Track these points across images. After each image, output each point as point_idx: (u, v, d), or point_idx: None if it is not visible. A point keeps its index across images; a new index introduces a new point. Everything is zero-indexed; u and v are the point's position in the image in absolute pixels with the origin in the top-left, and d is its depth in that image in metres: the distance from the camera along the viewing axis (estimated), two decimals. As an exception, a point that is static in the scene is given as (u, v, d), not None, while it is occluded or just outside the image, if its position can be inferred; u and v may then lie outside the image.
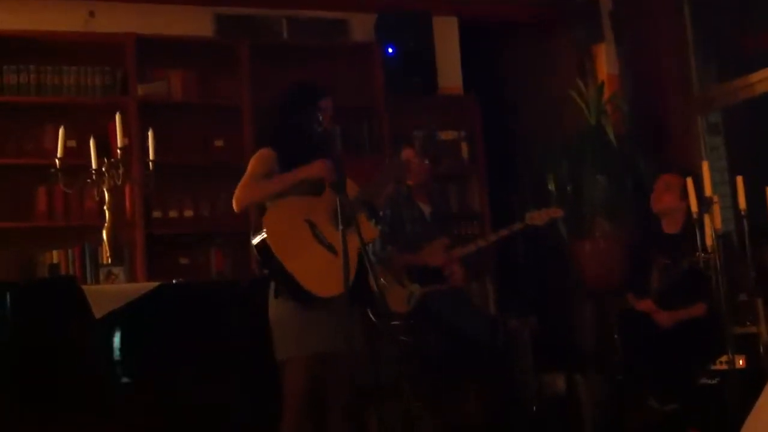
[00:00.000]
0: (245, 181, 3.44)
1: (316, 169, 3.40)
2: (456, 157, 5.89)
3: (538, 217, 4.51)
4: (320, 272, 3.31)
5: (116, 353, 3.62)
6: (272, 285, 3.43)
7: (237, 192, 3.42)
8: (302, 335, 3.34)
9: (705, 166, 3.76)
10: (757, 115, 5.69)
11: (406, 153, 3.50)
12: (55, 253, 4.99)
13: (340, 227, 3.11)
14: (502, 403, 4.48)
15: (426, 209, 4.65)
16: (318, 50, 5.74)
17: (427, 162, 4.48)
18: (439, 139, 5.75)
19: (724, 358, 3.95)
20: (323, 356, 3.38)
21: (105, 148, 4.58)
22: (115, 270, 4.05)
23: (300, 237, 3.36)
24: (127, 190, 5.03)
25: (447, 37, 6.07)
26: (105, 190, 4.15)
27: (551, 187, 5.50)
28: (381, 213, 4.61)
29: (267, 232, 3.31)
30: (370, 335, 4.58)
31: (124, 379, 3.62)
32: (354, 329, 3.30)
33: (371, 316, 4.15)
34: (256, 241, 3.35)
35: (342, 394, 3.48)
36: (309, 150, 3.46)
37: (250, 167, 3.47)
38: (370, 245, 4.60)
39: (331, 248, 3.35)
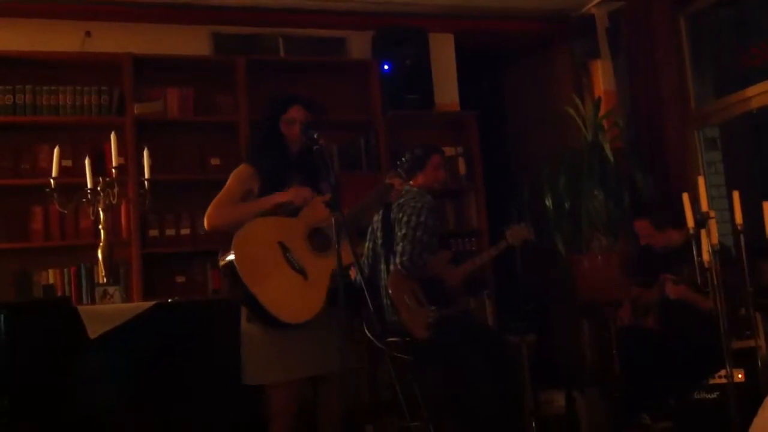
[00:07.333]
0: (220, 199, 3.38)
1: (290, 195, 3.33)
2: (453, 174, 5.87)
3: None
4: (289, 297, 3.21)
5: (111, 374, 3.60)
6: (243, 310, 3.32)
7: (210, 210, 3.36)
8: (278, 361, 3.26)
9: (701, 181, 3.74)
10: (755, 130, 5.69)
11: (391, 178, 3.57)
12: (51, 272, 4.98)
13: (337, 245, 3.00)
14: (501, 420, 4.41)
15: None
16: (315, 67, 5.74)
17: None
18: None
19: (722, 372, 3.94)
20: (309, 378, 3.34)
21: (101, 168, 4.58)
22: (111, 289, 4.04)
23: (270, 260, 3.24)
24: (122, 208, 5.03)
25: (443, 54, 6.08)
26: (100, 209, 4.15)
27: (548, 202, 5.49)
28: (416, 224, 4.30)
29: (235, 254, 3.19)
30: (368, 353, 4.52)
31: (119, 401, 3.60)
32: (343, 349, 3.20)
33: (368, 334, 4.11)
34: (224, 261, 3.24)
35: (334, 413, 3.43)
36: (286, 165, 3.42)
37: (228, 183, 3.43)
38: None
39: (302, 272, 3.26)
